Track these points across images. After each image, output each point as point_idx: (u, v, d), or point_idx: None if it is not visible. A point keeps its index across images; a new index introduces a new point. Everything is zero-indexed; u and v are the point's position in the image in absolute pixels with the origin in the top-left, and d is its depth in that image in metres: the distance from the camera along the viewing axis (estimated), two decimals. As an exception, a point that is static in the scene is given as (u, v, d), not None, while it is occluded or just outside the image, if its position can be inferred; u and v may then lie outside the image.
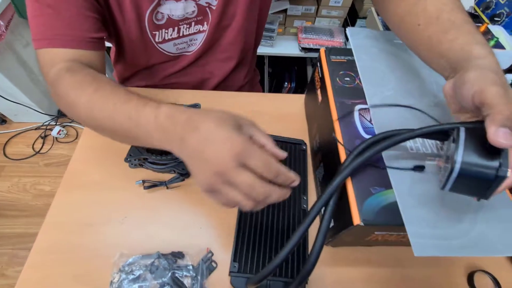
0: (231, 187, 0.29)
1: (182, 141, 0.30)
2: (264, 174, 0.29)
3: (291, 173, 0.32)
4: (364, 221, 0.31)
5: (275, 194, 0.30)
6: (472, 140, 0.24)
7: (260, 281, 0.32)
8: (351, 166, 0.32)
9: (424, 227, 0.30)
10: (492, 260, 0.44)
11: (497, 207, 0.32)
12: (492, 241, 0.30)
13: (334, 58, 0.47)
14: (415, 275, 0.43)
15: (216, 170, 0.29)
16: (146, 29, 0.51)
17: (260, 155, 0.29)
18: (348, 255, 0.44)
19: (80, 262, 0.40)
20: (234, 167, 0.28)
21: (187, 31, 0.54)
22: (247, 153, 0.28)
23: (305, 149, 0.52)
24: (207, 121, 0.30)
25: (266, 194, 0.30)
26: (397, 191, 0.32)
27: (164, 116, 0.32)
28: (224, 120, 0.30)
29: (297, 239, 0.30)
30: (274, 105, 0.61)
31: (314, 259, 0.30)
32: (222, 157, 0.28)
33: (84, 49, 0.43)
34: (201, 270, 0.40)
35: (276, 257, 0.30)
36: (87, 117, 0.37)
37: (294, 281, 0.32)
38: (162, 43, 0.55)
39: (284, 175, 0.31)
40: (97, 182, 0.48)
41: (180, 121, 0.31)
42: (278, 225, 0.44)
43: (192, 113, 0.31)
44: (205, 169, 0.29)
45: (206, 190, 0.31)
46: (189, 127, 0.30)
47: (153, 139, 0.33)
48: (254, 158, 0.29)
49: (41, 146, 1.42)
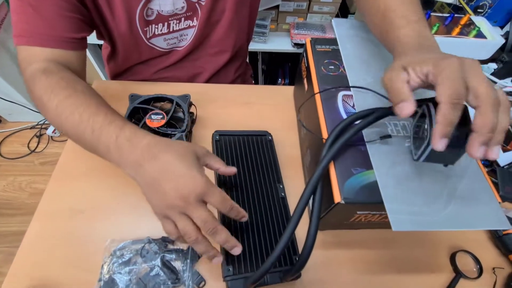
0: (184, 218, 0.32)
1: (139, 166, 0.32)
2: (221, 209, 0.33)
3: (241, 209, 0.35)
4: (345, 199, 0.32)
5: (221, 234, 0.33)
6: None
7: (259, 279, 0.32)
8: (330, 153, 0.33)
9: (401, 204, 0.31)
10: (473, 241, 0.45)
11: (473, 187, 0.34)
12: (465, 216, 0.31)
13: (320, 48, 0.49)
14: (401, 256, 0.44)
15: (174, 203, 0.31)
16: (136, 26, 0.51)
17: (219, 193, 0.33)
18: (336, 238, 0.45)
19: (72, 248, 0.41)
20: (194, 203, 0.31)
21: (177, 26, 0.55)
22: (208, 192, 0.32)
23: (271, 139, 0.52)
24: (167, 153, 0.32)
25: (214, 231, 0.32)
26: (377, 171, 0.33)
27: (125, 138, 0.33)
28: (184, 155, 0.33)
29: (290, 232, 0.31)
30: (264, 97, 0.62)
31: (310, 247, 0.31)
32: (184, 193, 0.31)
33: (63, 49, 0.43)
34: (191, 254, 0.41)
35: (272, 254, 0.30)
36: (55, 121, 0.38)
37: (290, 270, 0.33)
38: (152, 38, 0.56)
39: (237, 209, 0.35)
40: (89, 170, 0.49)
41: (139, 146, 0.33)
42: (262, 218, 0.44)
43: (152, 140, 0.34)
44: (163, 199, 0.32)
45: (159, 215, 0.33)
46: (148, 155, 0.32)
47: (111, 157, 0.34)
48: (213, 197, 0.32)
49: (37, 145, 1.42)
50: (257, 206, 0.45)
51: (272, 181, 0.47)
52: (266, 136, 0.53)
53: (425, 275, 0.43)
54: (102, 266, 0.39)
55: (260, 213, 0.44)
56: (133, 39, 0.54)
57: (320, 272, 0.42)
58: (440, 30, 0.59)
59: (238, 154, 0.50)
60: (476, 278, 0.42)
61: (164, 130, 0.48)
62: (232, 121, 0.57)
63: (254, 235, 0.42)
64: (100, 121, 0.35)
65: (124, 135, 0.34)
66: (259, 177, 0.48)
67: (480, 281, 0.42)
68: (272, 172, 0.48)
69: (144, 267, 0.39)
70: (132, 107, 0.49)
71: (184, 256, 0.41)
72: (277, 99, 0.62)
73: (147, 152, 0.32)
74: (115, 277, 0.38)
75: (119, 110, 0.44)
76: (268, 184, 0.47)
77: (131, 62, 0.62)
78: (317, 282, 0.41)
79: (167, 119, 0.48)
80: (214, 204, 0.33)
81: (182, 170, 0.32)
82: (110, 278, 0.38)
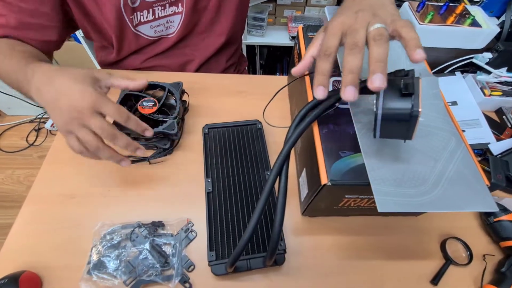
0: (84, 129, 0.36)
1: (38, 91, 0.38)
2: (117, 118, 0.36)
3: (142, 122, 0.39)
4: (332, 181, 0.32)
5: (121, 139, 0.37)
6: (389, 89, 0.28)
7: (234, 262, 0.32)
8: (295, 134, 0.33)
9: (388, 186, 0.31)
10: (464, 228, 0.45)
11: (461, 171, 0.34)
12: (453, 199, 0.31)
13: (312, 35, 0.48)
14: (391, 243, 0.44)
15: (72, 116, 0.35)
16: (122, 13, 0.52)
17: (112, 104, 0.36)
18: (326, 224, 0.45)
19: (62, 232, 0.41)
20: (89, 114, 0.35)
21: (162, 13, 0.55)
22: (100, 103, 0.36)
23: (261, 128, 0.52)
24: (61, 76, 0.37)
25: (113, 136, 0.36)
26: (365, 154, 0.33)
27: (30, 69, 0.39)
28: (78, 77, 0.37)
29: (258, 215, 0.30)
30: (258, 86, 0.62)
31: (278, 230, 0.30)
32: (78, 105, 0.35)
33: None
34: (180, 239, 0.41)
35: (244, 236, 0.30)
36: None
37: (266, 254, 0.33)
38: (139, 26, 0.55)
39: (135, 120, 0.38)
40: (81, 157, 0.49)
41: (38, 72, 0.38)
42: (248, 204, 0.44)
43: (50, 68, 0.39)
44: (61, 115, 0.36)
45: (62, 131, 0.37)
46: (44, 79, 0.38)
47: (23, 87, 0.41)
48: (106, 106, 0.36)
49: (35, 138, 1.42)
50: (243, 194, 0.45)
51: (261, 169, 0.47)
52: (255, 125, 0.53)
53: (415, 261, 0.43)
54: (91, 249, 0.39)
55: (247, 200, 0.44)
56: (121, 28, 0.54)
57: (307, 257, 0.42)
58: (434, 18, 0.59)
59: (227, 145, 0.50)
60: (466, 265, 0.42)
61: (156, 117, 0.48)
62: (224, 110, 0.57)
63: (240, 222, 0.42)
64: (21, 64, 0.42)
65: (31, 67, 0.40)
66: (247, 165, 0.48)
67: (470, 268, 0.42)
68: (261, 160, 0.48)
69: (133, 251, 0.39)
70: (124, 94, 0.49)
71: (174, 240, 0.41)
72: (271, 89, 0.62)
73: (44, 77, 0.38)
74: (104, 259, 0.38)
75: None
76: (256, 172, 0.47)
77: (120, 52, 0.62)
78: (303, 267, 0.41)
79: (158, 106, 0.48)
80: (110, 114, 0.36)
81: (75, 87, 0.36)
82: (99, 261, 0.38)
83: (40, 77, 0.38)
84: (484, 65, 0.58)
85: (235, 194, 0.45)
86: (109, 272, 0.37)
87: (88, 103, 0.35)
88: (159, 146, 0.48)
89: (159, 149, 0.49)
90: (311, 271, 0.41)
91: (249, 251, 0.40)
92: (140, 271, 0.37)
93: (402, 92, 0.27)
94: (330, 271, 0.41)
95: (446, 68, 0.64)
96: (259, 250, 0.40)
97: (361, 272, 0.41)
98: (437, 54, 0.63)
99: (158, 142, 0.48)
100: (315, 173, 0.35)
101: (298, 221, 0.45)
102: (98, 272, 0.37)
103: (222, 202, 0.44)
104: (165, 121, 0.47)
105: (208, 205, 0.43)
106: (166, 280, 0.38)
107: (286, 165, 0.32)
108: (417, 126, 0.28)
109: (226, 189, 0.45)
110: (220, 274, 0.38)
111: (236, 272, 0.38)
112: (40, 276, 0.38)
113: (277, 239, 0.31)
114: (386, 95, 0.28)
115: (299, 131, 0.33)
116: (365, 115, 0.36)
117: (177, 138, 0.50)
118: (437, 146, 0.35)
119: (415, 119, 0.27)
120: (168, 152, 0.49)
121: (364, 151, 0.33)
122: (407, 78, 0.29)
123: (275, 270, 0.40)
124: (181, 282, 0.38)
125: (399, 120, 0.28)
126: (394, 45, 0.33)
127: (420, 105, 0.27)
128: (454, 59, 0.62)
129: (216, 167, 0.47)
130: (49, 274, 0.39)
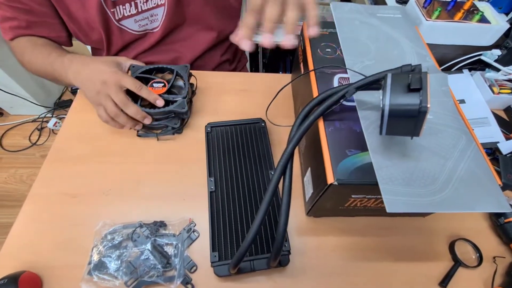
0: (108, 99, 0.46)
1: (76, 73, 0.49)
2: (132, 88, 0.47)
3: (152, 92, 0.49)
4: (338, 180, 0.31)
5: (132, 107, 0.46)
6: (396, 84, 0.27)
7: (237, 263, 0.31)
8: (299, 133, 0.32)
9: (396, 186, 0.30)
10: (473, 230, 0.44)
11: (472, 170, 0.33)
12: (464, 198, 0.30)
13: (316, 31, 0.47)
14: (398, 244, 0.43)
15: (99, 88, 0.46)
16: (104, 7, 0.51)
17: (130, 78, 0.48)
18: (331, 225, 0.44)
19: (63, 231, 0.41)
20: (113, 87, 0.46)
21: (145, 5, 0.54)
22: (121, 77, 0.47)
23: (264, 126, 0.52)
24: (94, 61, 0.50)
25: (125, 104, 0.46)
26: (372, 153, 0.32)
27: (68, 58, 0.51)
28: (106, 61, 0.50)
29: (261, 215, 0.29)
30: (261, 84, 0.61)
31: (282, 231, 0.29)
32: (105, 79, 0.46)
33: None
34: (182, 239, 0.40)
35: (247, 236, 0.29)
36: (31, 68, 0.56)
37: (271, 255, 0.32)
38: (123, 20, 0.55)
39: (146, 89, 0.48)
40: (83, 156, 0.49)
41: (75, 60, 0.51)
42: (252, 204, 0.43)
43: (83, 57, 0.51)
44: (92, 88, 0.47)
45: (94, 102, 0.48)
46: (80, 64, 0.50)
47: (62, 75, 0.51)
48: (125, 80, 0.47)
49: (38, 138, 1.42)
50: (246, 193, 0.44)
51: (264, 168, 0.46)
52: (259, 124, 0.52)
53: (422, 263, 0.41)
54: (92, 249, 0.38)
55: (250, 200, 0.43)
56: (105, 22, 0.53)
57: (311, 258, 0.41)
58: (442, 15, 0.57)
59: (230, 143, 0.49)
60: (476, 267, 0.41)
61: (166, 97, 0.49)
62: (227, 109, 0.56)
63: (243, 222, 0.41)
64: (53, 56, 0.52)
65: (68, 57, 0.51)
66: (251, 165, 0.47)
67: (480, 270, 0.41)
68: (264, 159, 0.47)
69: (135, 251, 0.39)
70: (134, 76, 0.50)
71: (176, 240, 0.40)
72: (274, 87, 0.61)
73: (80, 63, 0.50)
74: (105, 260, 0.37)
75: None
76: (260, 172, 0.46)
77: (109, 50, 0.61)
78: (307, 268, 0.40)
79: (168, 87, 0.50)
80: (128, 85, 0.47)
81: (105, 68, 0.48)
82: (100, 261, 0.37)
83: (77, 63, 0.50)
84: (493, 62, 0.57)
85: (238, 193, 0.44)
86: (110, 272, 0.37)
87: (114, 78, 0.46)
88: (170, 125, 0.50)
89: (169, 127, 0.50)
90: (316, 272, 0.40)
91: (252, 252, 0.39)
92: (142, 272, 0.37)
93: (409, 88, 0.26)
94: (335, 272, 0.40)
95: (453, 66, 0.62)
96: (263, 251, 0.39)
97: (368, 274, 0.40)
98: (444, 51, 0.62)
99: (169, 121, 0.50)
100: (321, 172, 0.34)
101: (302, 221, 0.44)
102: (99, 272, 0.37)
103: (225, 202, 0.43)
104: (176, 101, 0.49)
105: (210, 205, 0.42)
106: (168, 281, 0.37)
107: (290, 165, 0.31)
108: (425, 122, 0.27)
109: (229, 188, 0.44)
110: (223, 275, 0.37)
111: (239, 273, 0.38)
112: (40, 276, 0.38)
113: (282, 240, 0.30)
114: (393, 90, 0.27)
115: (303, 129, 0.32)
116: (372, 112, 0.35)
117: (187, 116, 0.52)
118: (446, 144, 0.34)
119: (423, 115, 0.26)
120: (177, 131, 0.51)
121: (371, 150, 0.32)
122: (414, 73, 0.28)
123: (279, 271, 0.40)
124: (183, 283, 0.37)
125: (406, 116, 0.27)
126: (398, 40, 0.32)
127: (429, 101, 0.26)
128: (462, 56, 0.61)
129: (219, 166, 0.46)
130: (49, 274, 0.38)
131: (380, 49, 0.43)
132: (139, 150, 0.50)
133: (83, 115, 0.53)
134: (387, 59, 0.42)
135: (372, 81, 0.32)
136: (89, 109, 0.53)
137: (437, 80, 0.40)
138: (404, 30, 0.46)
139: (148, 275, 0.37)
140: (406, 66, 0.30)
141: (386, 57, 0.42)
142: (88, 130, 0.52)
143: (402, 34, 0.46)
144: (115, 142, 0.50)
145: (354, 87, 0.33)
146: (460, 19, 0.57)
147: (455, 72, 0.61)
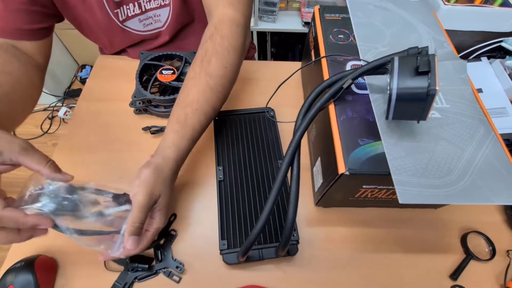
0: None
1: None
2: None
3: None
4: (350, 170, 0.31)
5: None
6: (404, 68, 0.27)
7: (246, 251, 0.32)
8: (305, 122, 0.32)
9: (410, 176, 0.29)
10: (487, 223, 0.43)
11: (490, 161, 0.31)
12: (481, 190, 0.29)
13: (328, 16, 0.46)
14: (408, 236, 0.42)
15: None
16: (106, 9, 0.50)
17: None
18: (340, 216, 0.43)
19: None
20: None
21: (148, 5, 0.53)
22: None
23: (273, 115, 0.50)
24: None
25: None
26: (386, 142, 0.31)
27: None
28: None
29: (270, 204, 0.29)
30: (269, 73, 0.60)
31: (291, 220, 0.29)
32: None
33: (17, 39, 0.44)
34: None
35: (256, 225, 0.29)
36: None
37: (279, 244, 0.32)
38: (127, 21, 0.54)
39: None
40: (93, 144, 0.49)
41: None
42: (260, 193, 0.43)
43: None
44: None
45: None
46: None
47: None
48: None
49: (49, 126, 1.45)
50: (255, 182, 0.44)
51: (274, 157, 0.46)
52: (268, 113, 0.51)
53: (434, 255, 0.41)
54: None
55: (259, 189, 0.43)
56: (107, 24, 0.52)
57: (320, 248, 0.41)
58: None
59: (238, 132, 0.49)
60: (488, 260, 0.40)
61: (175, 84, 0.49)
62: (235, 97, 0.56)
63: (251, 211, 0.41)
64: None
65: None
66: (259, 154, 0.46)
67: (493, 263, 0.40)
68: (273, 149, 0.47)
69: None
70: (143, 63, 0.51)
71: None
72: (283, 75, 0.60)
73: None
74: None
75: (122, 85, 0.46)
76: (269, 161, 0.46)
77: (112, 49, 0.60)
78: (315, 258, 0.40)
79: (177, 74, 0.50)
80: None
81: None
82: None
83: None
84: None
85: (247, 182, 0.44)
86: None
87: None
88: None
89: None
90: (324, 263, 0.40)
91: (261, 241, 0.39)
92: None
93: (417, 71, 0.26)
94: (344, 263, 0.40)
95: (471, 54, 0.60)
96: (272, 240, 0.39)
97: (377, 266, 0.40)
98: (461, 38, 0.59)
99: None
100: (332, 162, 0.34)
101: (311, 211, 0.44)
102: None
103: (234, 191, 0.43)
104: None
105: (219, 194, 0.42)
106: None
107: (298, 155, 0.31)
108: (432, 105, 0.26)
109: (237, 177, 0.44)
110: (232, 263, 0.38)
111: (248, 261, 0.38)
112: (56, 260, 0.39)
113: (290, 230, 0.30)
114: (401, 73, 0.27)
115: (308, 119, 0.32)
116: (385, 101, 0.34)
117: None
118: (463, 134, 0.33)
119: (431, 98, 0.26)
120: None
121: (384, 139, 0.31)
122: (422, 55, 0.27)
123: (288, 260, 0.40)
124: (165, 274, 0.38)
125: (415, 99, 0.26)
126: (415, 25, 0.31)
127: (437, 83, 0.25)
128: (481, 43, 0.58)
129: (227, 155, 0.46)
130: (64, 259, 0.39)
131: (395, 34, 0.42)
132: (148, 139, 0.50)
133: (92, 104, 0.54)
134: (402, 45, 0.40)
135: (378, 65, 0.31)
136: (98, 98, 0.54)
137: (455, 67, 0.38)
138: (421, 15, 0.44)
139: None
140: (413, 49, 0.29)
141: (402, 43, 0.41)
142: (97, 119, 0.52)
143: (418, 19, 0.44)
144: (124, 131, 0.51)
145: (358, 73, 0.32)
146: (480, 3, 0.54)
147: (472, 60, 0.59)
